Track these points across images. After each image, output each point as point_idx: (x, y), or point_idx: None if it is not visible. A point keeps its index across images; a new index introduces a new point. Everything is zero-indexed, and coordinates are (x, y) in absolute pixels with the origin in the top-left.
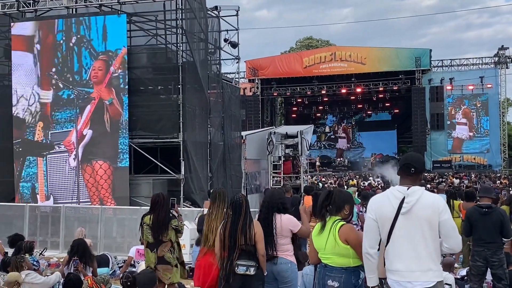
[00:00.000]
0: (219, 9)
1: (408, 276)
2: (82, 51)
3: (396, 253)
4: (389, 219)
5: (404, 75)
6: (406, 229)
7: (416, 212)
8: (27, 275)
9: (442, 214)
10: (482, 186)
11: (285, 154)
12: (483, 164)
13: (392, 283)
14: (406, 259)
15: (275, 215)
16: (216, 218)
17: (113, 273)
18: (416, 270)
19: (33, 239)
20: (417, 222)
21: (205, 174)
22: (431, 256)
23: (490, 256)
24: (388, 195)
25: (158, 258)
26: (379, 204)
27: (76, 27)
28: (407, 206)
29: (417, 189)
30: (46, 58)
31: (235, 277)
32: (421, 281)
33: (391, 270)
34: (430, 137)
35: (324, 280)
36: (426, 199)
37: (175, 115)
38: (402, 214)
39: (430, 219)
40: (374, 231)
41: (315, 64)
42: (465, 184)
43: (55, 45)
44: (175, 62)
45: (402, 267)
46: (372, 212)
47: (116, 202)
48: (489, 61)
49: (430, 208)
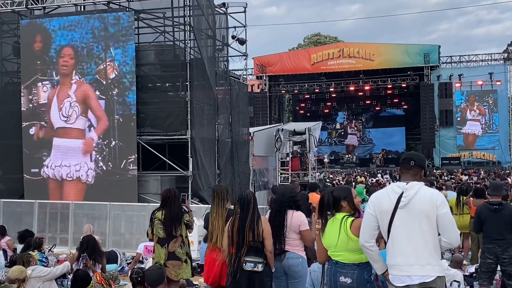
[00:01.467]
0: (226, 5)
1: (406, 270)
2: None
3: (396, 248)
4: (387, 213)
5: (412, 71)
6: (404, 223)
7: (414, 206)
8: (34, 270)
9: (440, 208)
10: (492, 183)
11: (293, 151)
12: (492, 160)
13: (392, 278)
14: (405, 253)
15: (287, 212)
16: (217, 216)
17: (121, 270)
18: (414, 264)
19: (42, 235)
20: (415, 216)
21: (213, 171)
22: (429, 250)
23: (500, 253)
24: (387, 190)
25: (169, 254)
26: (379, 199)
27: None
28: (405, 200)
29: (415, 184)
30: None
31: (243, 273)
32: (419, 275)
33: (391, 265)
34: (439, 133)
35: (335, 277)
36: (424, 193)
37: (183, 112)
38: (401, 208)
39: (428, 213)
40: (372, 225)
41: (323, 60)
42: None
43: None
44: (183, 59)
45: (401, 261)
46: (372, 207)
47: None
48: (498, 57)
49: (428, 202)
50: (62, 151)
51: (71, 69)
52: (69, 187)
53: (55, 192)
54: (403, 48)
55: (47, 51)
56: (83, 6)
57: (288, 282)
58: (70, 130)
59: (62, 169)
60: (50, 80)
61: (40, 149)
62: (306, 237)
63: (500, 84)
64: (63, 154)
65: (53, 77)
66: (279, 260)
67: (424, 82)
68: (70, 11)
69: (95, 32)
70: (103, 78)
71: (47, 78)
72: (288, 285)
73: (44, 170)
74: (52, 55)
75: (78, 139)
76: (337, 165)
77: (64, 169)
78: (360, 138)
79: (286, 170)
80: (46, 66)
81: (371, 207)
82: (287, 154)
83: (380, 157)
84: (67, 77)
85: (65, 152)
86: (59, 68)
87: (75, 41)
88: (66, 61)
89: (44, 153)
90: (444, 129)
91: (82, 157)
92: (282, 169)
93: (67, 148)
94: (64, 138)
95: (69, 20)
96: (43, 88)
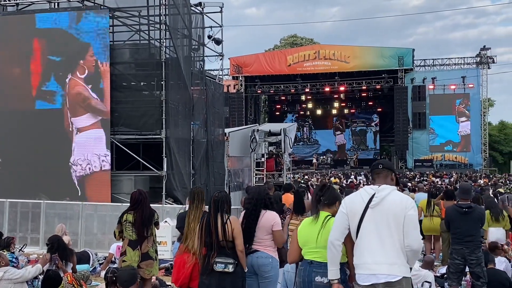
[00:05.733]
0: (203, 5)
1: (374, 268)
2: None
3: (364, 246)
4: (358, 212)
5: (387, 74)
6: (374, 223)
7: (384, 206)
8: (6, 272)
9: (408, 210)
10: (461, 186)
11: (268, 152)
12: (464, 163)
13: (358, 277)
14: (373, 251)
15: (261, 211)
16: (194, 219)
17: (93, 270)
18: (382, 262)
19: (12, 235)
20: (385, 216)
21: (187, 171)
22: (397, 251)
23: (468, 255)
24: (360, 192)
25: (142, 255)
26: (352, 199)
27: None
28: (376, 199)
29: (387, 187)
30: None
31: (213, 274)
32: (386, 274)
33: (358, 264)
34: (412, 136)
35: (310, 277)
36: (395, 196)
37: (158, 112)
38: (371, 208)
39: (397, 214)
40: (343, 224)
41: (299, 62)
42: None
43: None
44: (158, 58)
45: (369, 259)
46: (344, 206)
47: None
48: (471, 61)
49: (399, 203)
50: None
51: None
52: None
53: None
54: (378, 51)
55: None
56: (57, 3)
57: (259, 282)
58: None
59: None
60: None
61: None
62: (278, 238)
63: (472, 88)
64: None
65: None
66: (250, 258)
67: (398, 85)
68: (44, 8)
69: (70, 29)
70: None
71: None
72: (259, 285)
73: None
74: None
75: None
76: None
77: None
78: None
79: (261, 170)
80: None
81: (343, 207)
82: (262, 154)
83: (355, 158)
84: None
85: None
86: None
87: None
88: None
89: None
90: (417, 131)
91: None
92: (257, 169)
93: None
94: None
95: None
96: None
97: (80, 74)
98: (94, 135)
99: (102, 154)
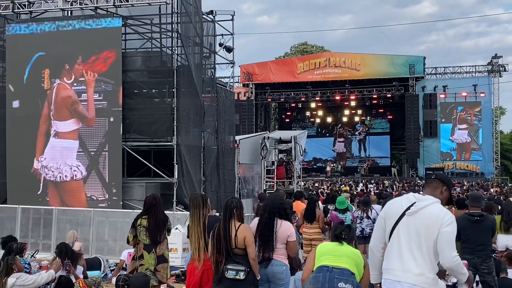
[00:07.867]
0: (214, 13)
1: (399, 275)
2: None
3: (394, 252)
4: (394, 216)
5: (398, 82)
6: (407, 230)
7: (420, 216)
8: (18, 278)
9: (444, 226)
10: (471, 195)
11: (278, 159)
12: (475, 171)
13: (384, 282)
14: (401, 258)
15: (277, 220)
16: (193, 225)
17: (104, 276)
18: (408, 271)
19: (25, 241)
20: (418, 227)
21: (198, 178)
22: (425, 263)
23: (479, 264)
24: (402, 198)
25: (158, 258)
26: (392, 203)
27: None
28: (414, 208)
29: (430, 198)
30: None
31: (225, 281)
32: (410, 283)
33: (387, 269)
34: (423, 144)
35: (332, 283)
36: (434, 209)
37: (169, 119)
38: (407, 215)
39: (431, 227)
40: (380, 230)
41: (309, 70)
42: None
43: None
44: (169, 66)
45: (396, 266)
46: (383, 211)
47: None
48: (483, 70)
49: (434, 217)
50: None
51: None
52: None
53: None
54: (388, 58)
55: (32, 56)
56: (70, 11)
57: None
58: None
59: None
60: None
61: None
62: (292, 248)
63: (484, 96)
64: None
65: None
66: (263, 266)
67: (409, 92)
68: (57, 16)
69: (82, 38)
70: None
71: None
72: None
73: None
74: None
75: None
76: (322, 174)
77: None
78: (347, 147)
79: (272, 178)
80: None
81: (383, 211)
82: (273, 162)
83: (365, 166)
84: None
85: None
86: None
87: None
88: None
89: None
90: (428, 139)
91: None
92: (267, 177)
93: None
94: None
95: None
96: None
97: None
98: (67, 144)
99: (74, 165)
